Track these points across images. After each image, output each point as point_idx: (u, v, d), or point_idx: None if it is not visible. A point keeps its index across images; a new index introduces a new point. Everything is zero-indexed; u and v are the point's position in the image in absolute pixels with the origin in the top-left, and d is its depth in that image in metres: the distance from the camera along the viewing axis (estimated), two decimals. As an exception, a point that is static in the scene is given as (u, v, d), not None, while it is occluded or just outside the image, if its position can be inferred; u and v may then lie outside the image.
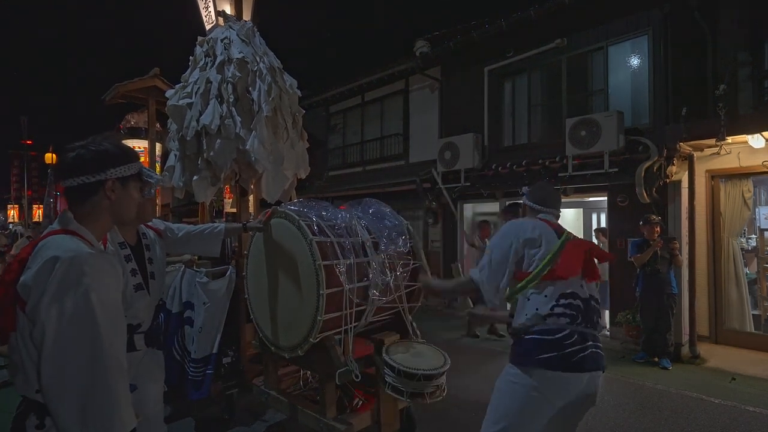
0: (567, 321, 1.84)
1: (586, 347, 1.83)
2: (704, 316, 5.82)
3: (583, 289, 1.93)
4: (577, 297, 1.89)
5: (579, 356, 1.80)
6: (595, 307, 1.96)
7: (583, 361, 1.81)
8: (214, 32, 3.75)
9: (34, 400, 1.25)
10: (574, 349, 1.80)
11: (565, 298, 1.87)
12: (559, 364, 1.79)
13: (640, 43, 6.31)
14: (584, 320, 1.88)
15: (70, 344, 1.18)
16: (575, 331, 1.83)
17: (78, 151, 1.37)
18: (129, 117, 6.70)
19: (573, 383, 1.81)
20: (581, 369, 1.81)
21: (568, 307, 1.86)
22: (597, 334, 1.93)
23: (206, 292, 3.28)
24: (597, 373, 1.88)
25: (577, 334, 1.83)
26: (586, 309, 1.89)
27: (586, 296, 1.92)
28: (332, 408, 2.64)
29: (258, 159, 3.32)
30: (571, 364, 1.80)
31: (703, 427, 3.61)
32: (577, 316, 1.86)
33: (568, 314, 1.85)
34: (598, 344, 1.91)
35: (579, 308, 1.88)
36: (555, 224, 2.07)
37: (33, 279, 1.19)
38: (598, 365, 1.88)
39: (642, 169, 5.52)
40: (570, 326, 1.84)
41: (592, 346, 1.86)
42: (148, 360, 2.07)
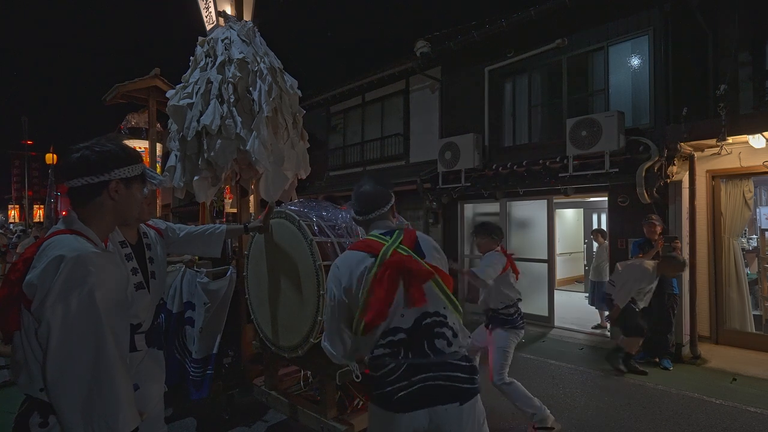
0: (388, 358, 1.62)
1: (414, 383, 1.58)
2: (705, 317, 5.81)
3: (405, 318, 1.64)
4: (398, 331, 1.62)
5: (401, 394, 1.57)
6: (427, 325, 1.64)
7: (405, 399, 1.57)
8: (215, 32, 3.75)
9: (38, 398, 1.26)
10: (394, 388, 1.57)
11: (384, 337, 1.63)
12: (381, 403, 1.61)
13: (641, 43, 6.30)
14: (411, 352, 1.62)
15: (75, 342, 1.19)
16: (399, 366, 1.59)
17: (83, 152, 1.38)
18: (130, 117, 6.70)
19: (404, 422, 1.58)
20: (406, 408, 1.57)
21: (388, 346, 1.63)
22: (447, 362, 1.62)
23: (207, 292, 3.28)
24: (441, 409, 1.59)
25: (402, 369, 1.59)
26: (412, 338, 1.62)
27: (409, 324, 1.63)
28: (333, 408, 2.64)
29: (258, 159, 3.32)
30: (393, 403, 1.57)
31: (703, 427, 3.60)
32: (399, 351, 1.61)
33: (389, 353, 1.62)
34: (446, 373, 1.60)
35: (402, 341, 1.62)
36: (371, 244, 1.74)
37: (38, 278, 1.21)
38: (436, 400, 1.59)
39: (643, 170, 5.51)
40: (393, 361, 1.61)
41: (429, 378, 1.59)
42: (149, 360, 2.07)
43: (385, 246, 1.71)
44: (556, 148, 6.74)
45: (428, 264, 1.71)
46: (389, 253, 1.68)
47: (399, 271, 1.64)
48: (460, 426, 1.61)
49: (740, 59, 5.83)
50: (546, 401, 4.02)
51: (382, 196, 1.85)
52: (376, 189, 1.86)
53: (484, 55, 8.00)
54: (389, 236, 1.76)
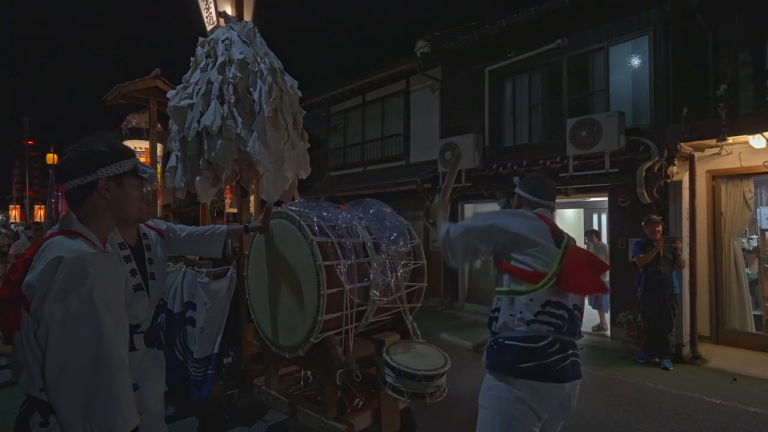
0: (551, 329, 1.74)
1: (567, 356, 1.74)
2: (705, 317, 5.81)
3: (568, 299, 1.80)
4: (562, 307, 1.77)
5: (561, 366, 1.72)
6: (579, 316, 1.85)
7: (564, 370, 1.72)
8: (215, 33, 3.76)
9: (39, 398, 1.26)
10: (556, 358, 1.71)
11: (551, 306, 1.76)
12: (542, 374, 1.70)
13: (641, 43, 6.31)
14: (568, 329, 1.77)
15: (74, 343, 1.19)
16: (558, 339, 1.74)
17: (69, 154, 1.40)
18: (130, 117, 6.70)
19: (555, 393, 1.73)
20: (563, 379, 1.72)
21: (553, 316, 1.75)
22: (576, 343, 1.84)
23: (207, 292, 3.29)
24: (576, 383, 1.80)
25: (559, 342, 1.74)
26: (570, 319, 1.78)
27: (570, 306, 1.80)
28: (333, 408, 2.64)
29: (259, 159, 3.33)
30: (554, 374, 1.71)
31: (704, 427, 3.61)
32: (562, 326, 1.76)
33: (553, 323, 1.75)
34: (577, 352, 1.83)
35: (564, 318, 1.76)
36: (553, 224, 1.90)
37: (37, 279, 1.21)
38: (578, 374, 1.80)
39: (643, 170, 5.52)
40: (553, 334, 1.74)
41: (572, 354, 1.78)
42: (149, 360, 2.07)
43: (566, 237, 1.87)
44: (556, 148, 6.74)
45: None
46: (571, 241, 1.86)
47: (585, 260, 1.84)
48: (575, 400, 1.83)
49: (740, 59, 5.83)
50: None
51: (554, 195, 2.06)
52: (554, 188, 2.09)
53: (485, 55, 8.01)
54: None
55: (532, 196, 2.00)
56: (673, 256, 5.06)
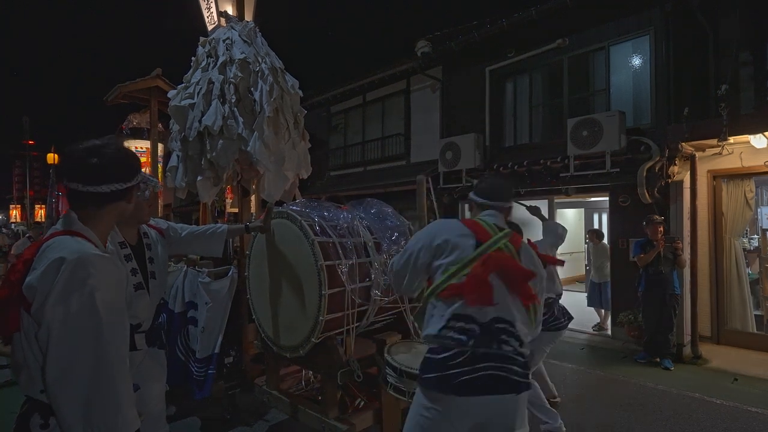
0: (455, 342, 1.69)
1: (477, 369, 1.64)
2: (706, 317, 5.81)
3: (483, 312, 1.70)
4: (471, 321, 1.69)
5: (463, 379, 1.64)
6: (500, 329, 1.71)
7: (467, 384, 1.64)
8: (216, 33, 3.76)
9: (39, 399, 1.26)
10: (458, 371, 1.64)
11: (457, 320, 1.70)
12: (440, 386, 1.67)
13: (642, 42, 6.30)
14: (477, 344, 1.68)
15: (75, 345, 1.19)
16: (464, 352, 1.67)
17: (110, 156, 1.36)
18: (131, 117, 6.69)
19: (463, 406, 1.66)
20: (465, 392, 1.64)
21: (458, 331, 1.69)
22: (507, 355, 1.70)
23: (208, 292, 3.28)
24: (498, 398, 1.67)
25: (467, 355, 1.66)
26: (483, 333, 1.69)
27: (486, 320, 1.70)
28: (334, 408, 2.64)
29: (260, 159, 3.33)
30: (453, 387, 1.64)
31: (704, 427, 3.60)
32: (468, 341, 1.68)
33: (456, 338, 1.69)
34: (506, 366, 1.68)
35: (473, 332, 1.69)
36: (480, 229, 1.82)
37: (39, 280, 1.20)
38: (496, 389, 1.66)
39: (644, 170, 5.51)
40: (460, 347, 1.68)
41: (490, 368, 1.66)
42: (150, 359, 2.08)
43: (494, 237, 1.79)
44: (557, 148, 6.74)
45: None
46: (495, 246, 1.77)
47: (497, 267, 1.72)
48: (515, 415, 1.71)
49: (741, 59, 5.82)
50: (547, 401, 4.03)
51: (508, 194, 2.00)
52: (508, 187, 2.02)
53: (485, 55, 8.00)
54: (498, 230, 1.84)
55: (480, 198, 1.99)
56: (674, 256, 5.06)
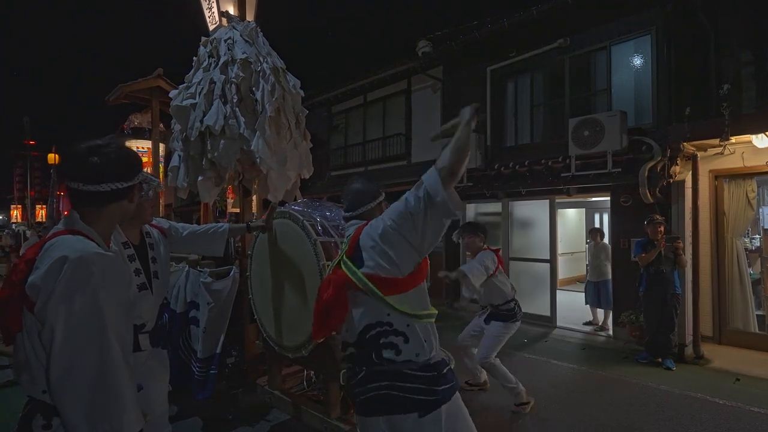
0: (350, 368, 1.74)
1: (369, 389, 1.61)
2: (708, 317, 5.80)
3: (349, 333, 1.70)
4: (348, 346, 1.73)
5: (360, 399, 1.66)
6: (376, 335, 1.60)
7: (364, 404, 1.64)
8: (218, 33, 3.76)
9: (41, 400, 1.25)
10: (355, 392, 1.68)
11: (344, 349, 1.77)
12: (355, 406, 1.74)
13: (643, 42, 6.29)
14: (358, 363, 1.68)
15: (79, 344, 1.19)
16: (357, 373, 1.67)
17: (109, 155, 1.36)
18: (132, 117, 6.71)
19: (366, 426, 1.68)
20: (364, 413, 1.66)
21: (347, 359, 1.76)
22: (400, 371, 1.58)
23: (210, 292, 3.28)
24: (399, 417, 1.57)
25: (360, 376, 1.65)
26: (360, 352, 1.66)
27: (354, 339, 1.68)
28: (336, 408, 2.64)
29: (262, 159, 3.32)
30: (356, 406, 1.71)
31: (706, 428, 3.60)
32: (353, 365, 1.71)
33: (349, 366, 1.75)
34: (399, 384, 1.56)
35: (352, 356, 1.71)
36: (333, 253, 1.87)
37: (42, 279, 1.20)
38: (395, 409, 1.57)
39: (645, 169, 5.50)
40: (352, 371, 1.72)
41: (381, 387, 1.58)
42: (153, 360, 2.07)
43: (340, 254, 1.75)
44: (558, 148, 6.73)
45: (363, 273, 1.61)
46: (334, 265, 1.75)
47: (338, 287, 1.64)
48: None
49: (743, 58, 5.82)
50: (548, 401, 4.03)
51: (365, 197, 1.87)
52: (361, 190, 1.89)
53: (486, 54, 8.00)
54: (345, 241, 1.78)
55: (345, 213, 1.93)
56: (675, 256, 5.05)
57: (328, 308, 1.66)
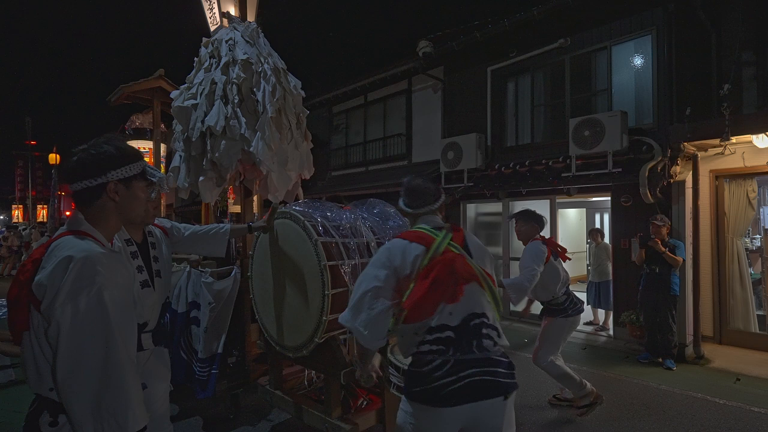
0: (435, 355, 1.66)
1: (461, 378, 1.62)
2: (708, 317, 5.80)
3: (453, 316, 1.68)
4: (446, 328, 1.66)
5: (450, 389, 1.61)
6: (477, 325, 1.69)
7: (454, 393, 1.61)
8: (219, 33, 3.76)
9: (48, 397, 1.27)
10: (443, 382, 1.62)
11: (431, 333, 1.67)
12: (429, 399, 1.63)
13: (644, 42, 6.29)
14: (458, 350, 1.66)
15: (84, 342, 1.21)
16: (447, 361, 1.64)
17: (79, 155, 1.40)
18: (134, 118, 6.73)
19: (450, 417, 1.64)
20: (453, 402, 1.62)
21: (435, 342, 1.66)
22: (491, 358, 1.68)
23: (211, 292, 3.29)
24: (486, 403, 1.64)
25: (449, 365, 1.64)
26: (459, 337, 1.67)
27: (457, 322, 1.68)
28: (337, 408, 2.65)
29: (263, 160, 3.33)
30: (441, 398, 1.62)
31: (707, 427, 3.60)
32: (447, 349, 1.66)
33: (435, 350, 1.66)
34: (491, 369, 1.66)
35: (449, 339, 1.66)
36: (425, 236, 1.77)
37: (48, 278, 1.22)
38: (485, 394, 1.64)
39: (646, 169, 5.51)
40: (441, 357, 1.66)
41: (475, 374, 1.63)
42: (155, 359, 2.08)
43: (437, 240, 1.73)
44: (558, 148, 6.74)
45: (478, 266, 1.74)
46: (441, 249, 1.72)
47: (449, 269, 1.66)
48: (502, 419, 1.68)
49: (744, 58, 5.82)
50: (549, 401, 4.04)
51: (433, 192, 1.91)
52: (427, 185, 1.92)
53: (487, 55, 8.00)
54: (439, 232, 1.79)
55: (407, 208, 1.92)
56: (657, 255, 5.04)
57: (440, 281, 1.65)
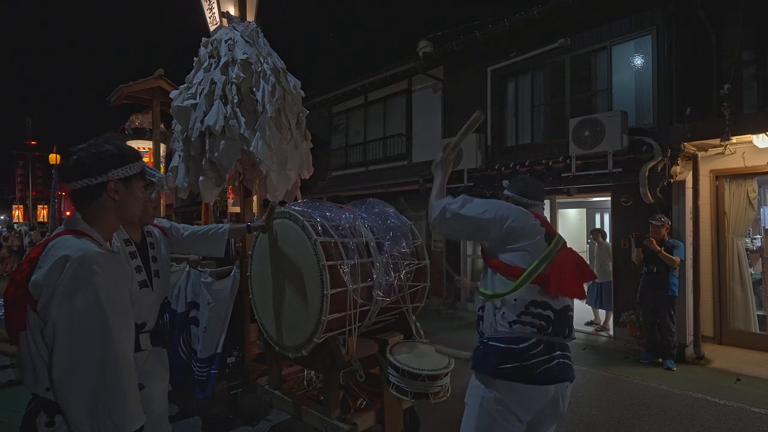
0: (534, 330, 1.72)
1: (553, 358, 1.71)
2: (709, 317, 5.79)
3: (557, 300, 1.76)
4: (548, 307, 1.74)
5: (543, 368, 1.68)
6: (569, 317, 1.81)
7: (546, 372, 1.69)
8: (218, 33, 3.76)
9: (44, 397, 1.27)
10: (538, 360, 1.68)
11: (535, 307, 1.73)
12: (522, 376, 1.67)
13: (644, 42, 6.29)
14: (554, 331, 1.74)
15: (81, 341, 1.20)
16: (542, 341, 1.71)
17: (79, 154, 1.40)
18: (133, 118, 6.73)
19: (538, 396, 1.70)
20: (546, 381, 1.69)
21: (537, 317, 1.72)
22: (567, 343, 1.81)
23: (211, 292, 3.29)
24: (564, 385, 1.75)
25: (543, 344, 1.71)
26: (558, 320, 1.75)
27: (560, 307, 1.76)
28: (336, 408, 2.64)
29: (262, 160, 3.33)
30: (534, 376, 1.67)
31: (707, 428, 3.60)
32: (547, 327, 1.73)
33: (537, 324, 1.72)
34: (568, 354, 1.79)
35: (549, 319, 1.73)
36: (547, 222, 1.90)
37: (44, 278, 1.22)
38: (566, 376, 1.75)
39: (646, 169, 5.50)
40: (537, 336, 1.71)
41: (559, 356, 1.73)
42: (153, 359, 2.08)
43: (557, 236, 1.87)
44: (559, 148, 6.73)
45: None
46: (562, 241, 1.86)
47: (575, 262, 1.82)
48: (566, 402, 1.80)
49: (744, 58, 5.81)
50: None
51: (543, 194, 2.09)
52: (542, 188, 2.11)
53: (487, 54, 8.00)
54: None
55: (522, 197, 2.00)
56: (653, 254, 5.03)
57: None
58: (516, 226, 1.79)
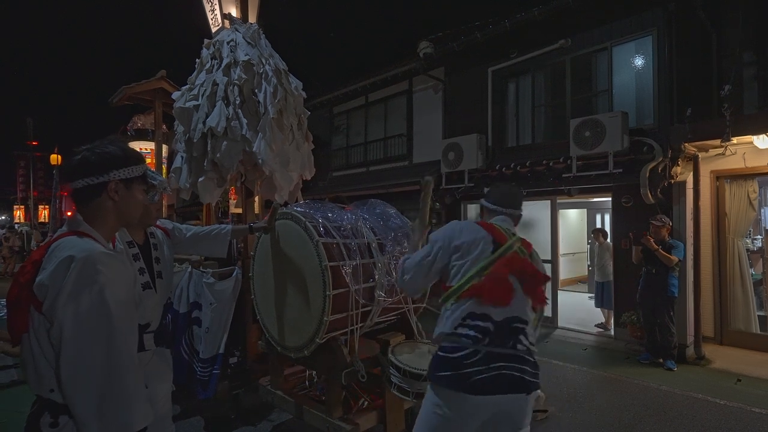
0: (469, 342, 1.73)
1: (492, 369, 1.69)
2: (709, 317, 5.80)
3: (500, 310, 1.76)
4: (487, 319, 1.74)
5: (478, 378, 1.67)
6: (517, 328, 1.78)
7: (483, 383, 1.67)
8: (220, 35, 3.78)
9: (48, 399, 1.28)
10: (474, 370, 1.68)
11: (473, 319, 1.75)
12: (455, 384, 1.69)
13: (645, 43, 6.29)
14: (492, 342, 1.73)
15: (87, 341, 1.21)
16: (479, 350, 1.71)
17: (83, 153, 1.41)
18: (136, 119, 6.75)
19: (473, 405, 1.69)
20: (481, 392, 1.67)
21: (474, 329, 1.74)
22: (522, 356, 1.76)
23: (213, 292, 3.31)
24: (518, 397, 1.72)
25: (481, 354, 1.70)
26: (497, 331, 1.74)
27: (501, 318, 1.76)
28: (338, 408, 2.66)
29: (264, 161, 3.34)
30: (468, 385, 1.67)
31: (708, 428, 3.60)
32: (483, 338, 1.73)
33: (471, 336, 1.73)
34: (520, 366, 1.74)
35: (487, 330, 1.74)
36: (498, 232, 1.90)
37: (49, 278, 1.23)
38: (511, 389, 1.71)
39: (646, 170, 5.50)
40: (473, 346, 1.72)
41: (503, 367, 1.70)
42: (157, 359, 2.09)
43: (510, 241, 1.88)
44: (559, 149, 6.73)
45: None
46: (512, 249, 1.86)
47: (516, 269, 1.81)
48: (523, 415, 1.76)
49: (744, 59, 5.82)
50: (550, 402, 4.04)
51: (519, 202, 2.09)
52: (519, 195, 2.11)
53: (488, 55, 8.00)
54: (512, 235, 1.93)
55: (497, 205, 2.06)
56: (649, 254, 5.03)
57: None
58: (460, 244, 1.85)
